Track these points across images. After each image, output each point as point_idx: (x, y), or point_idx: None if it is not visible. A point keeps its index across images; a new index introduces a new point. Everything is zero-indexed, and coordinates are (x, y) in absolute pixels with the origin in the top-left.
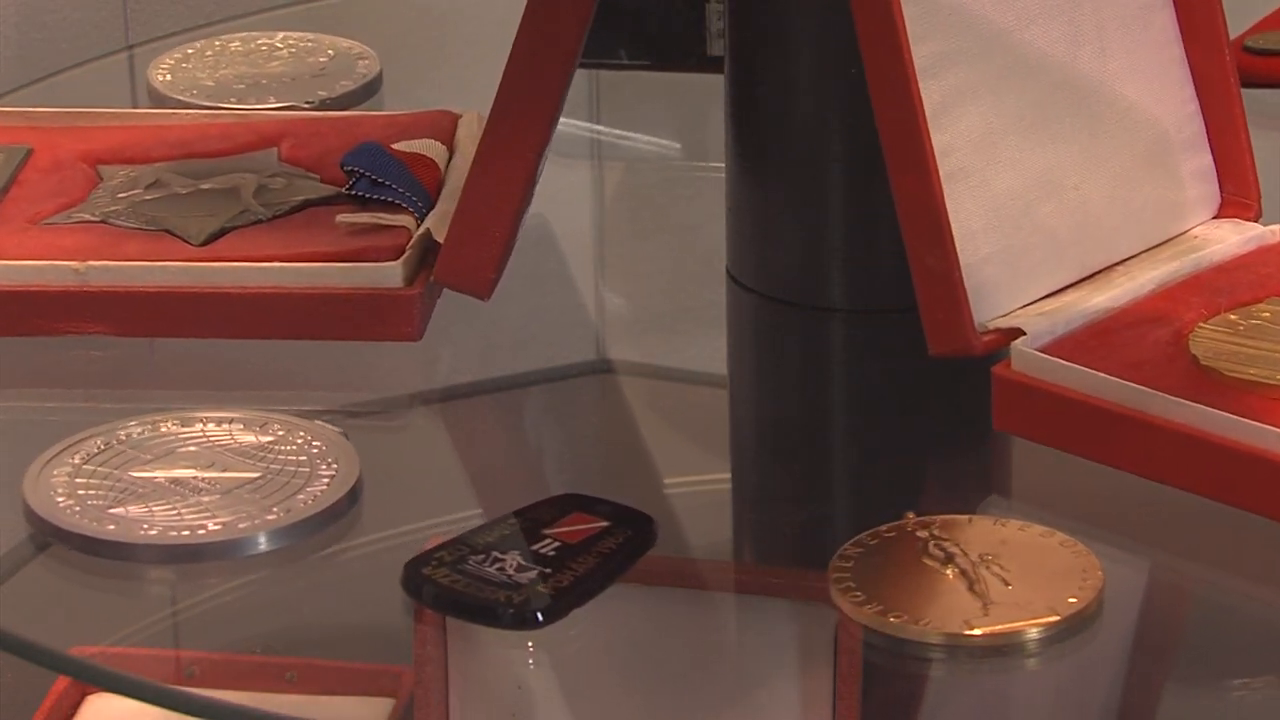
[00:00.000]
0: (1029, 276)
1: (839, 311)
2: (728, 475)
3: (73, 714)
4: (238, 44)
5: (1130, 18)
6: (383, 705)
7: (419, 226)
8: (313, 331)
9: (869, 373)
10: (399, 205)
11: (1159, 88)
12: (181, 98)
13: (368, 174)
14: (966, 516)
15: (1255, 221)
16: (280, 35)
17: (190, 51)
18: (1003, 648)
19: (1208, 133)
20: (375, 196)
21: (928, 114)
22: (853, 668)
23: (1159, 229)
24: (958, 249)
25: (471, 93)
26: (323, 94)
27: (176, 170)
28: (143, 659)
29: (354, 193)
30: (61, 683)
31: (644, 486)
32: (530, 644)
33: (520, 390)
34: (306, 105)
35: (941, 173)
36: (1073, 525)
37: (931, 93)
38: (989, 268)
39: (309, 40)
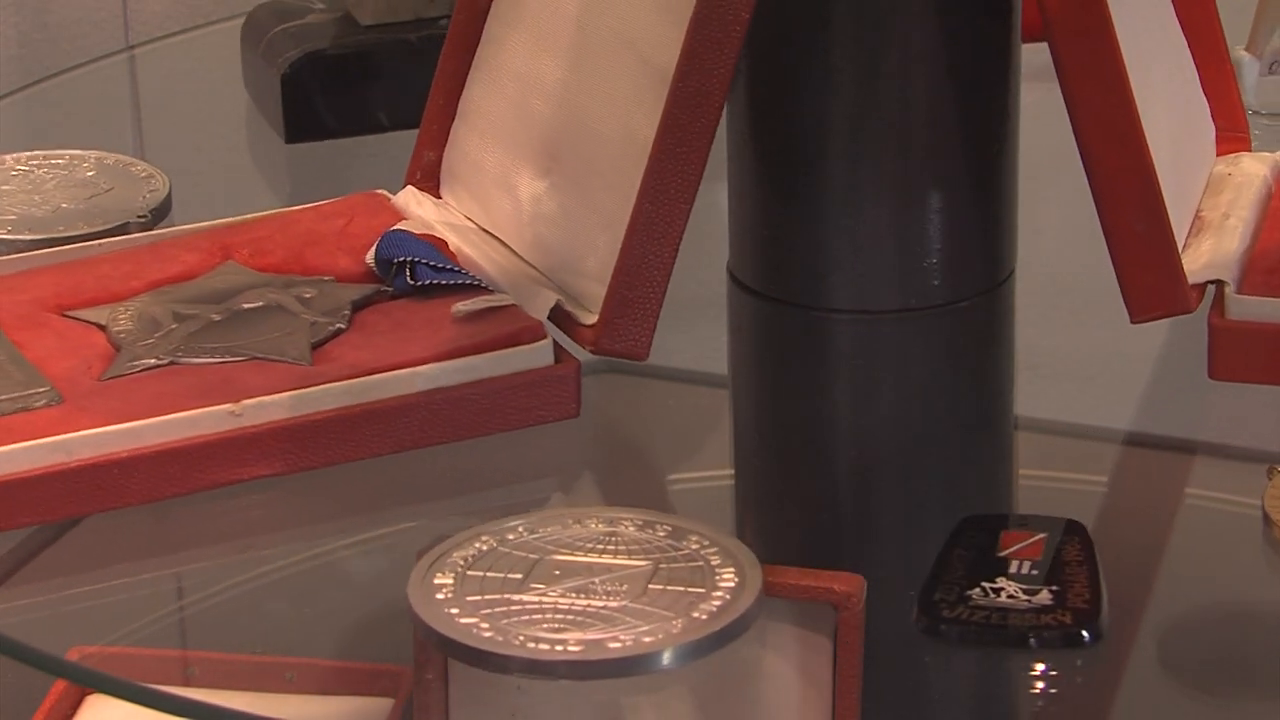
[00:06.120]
0: (1175, 233)
1: (840, 312)
2: (728, 475)
3: (72, 715)
4: None
5: None
6: (383, 705)
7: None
8: (483, 427)
9: (869, 373)
10: (477, 286)
11: (1172, 44)
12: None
13: (425, 261)
14: None
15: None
16: (12, 157)
17: None
18: None
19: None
20: (439, 282)
21: None
22: (852, 667)
23: (1203, 173)
24: None
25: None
26: (144, 204)
27: (172, 299)
28: (143, 659)
29: (417, 282)
30: (61, 683)
31: (645, 486)
32: None
33: None
34: (139, 220)
35: None
36: None
37: None
38: None
39: (57, 158)
